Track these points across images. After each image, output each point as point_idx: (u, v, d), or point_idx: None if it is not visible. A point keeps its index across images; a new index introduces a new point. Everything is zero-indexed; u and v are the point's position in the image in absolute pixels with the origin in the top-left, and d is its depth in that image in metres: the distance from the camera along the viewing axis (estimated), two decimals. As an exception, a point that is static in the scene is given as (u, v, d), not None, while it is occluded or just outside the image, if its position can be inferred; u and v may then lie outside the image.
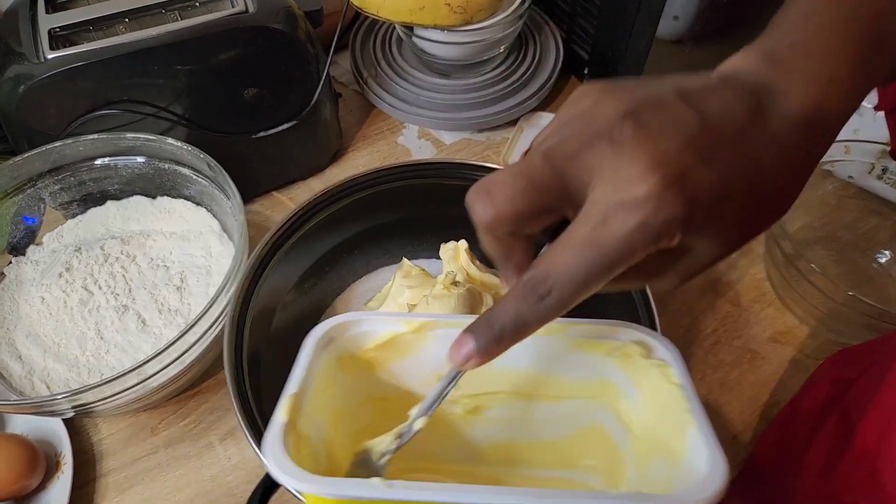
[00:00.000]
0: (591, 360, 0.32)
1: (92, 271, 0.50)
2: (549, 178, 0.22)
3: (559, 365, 0.33)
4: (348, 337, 0.32)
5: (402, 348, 0.33)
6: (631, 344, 0.31)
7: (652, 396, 0.30)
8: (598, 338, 0.31)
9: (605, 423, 0.34)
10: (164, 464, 0.49)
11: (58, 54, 0.48)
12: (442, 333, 0.32)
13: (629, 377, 0.31)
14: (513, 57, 0.66)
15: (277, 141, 0.57)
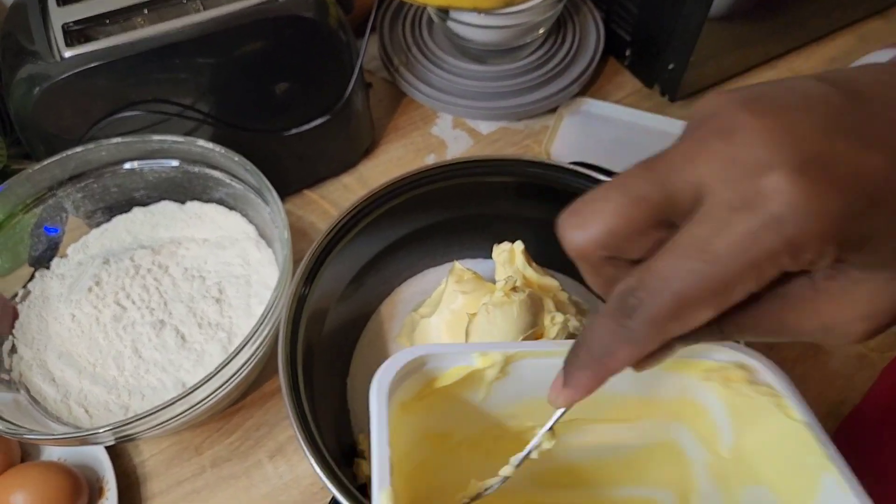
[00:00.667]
0: (679, 381, 0.29)
1: (123, 284, 0.47)
2: (649, 189, 0.19)
3: (646, 387, 0.30)
4: (413, 379, 0.29)
5: (473, 383, 0.30)
6: (732, 367, 0.28)
7: (760, 427, 0.28)
8: (692, 356, 0.28)
9: (680, 439, 0.32)
10: (211, 484, 0.46)
11: (75, 52, 0.44)
12: (524, 365, 0.29)
13: (726, 404, 0.29)
14: (551, 41, 0.62)
15: (309, 137, 0.54)
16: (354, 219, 0.46)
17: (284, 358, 0.39)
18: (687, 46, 0.57)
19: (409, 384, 0.28)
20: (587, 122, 0.63)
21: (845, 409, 0.49)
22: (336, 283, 0.47)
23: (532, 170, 0.48)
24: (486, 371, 0.29)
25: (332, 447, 0.38)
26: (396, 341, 0.50)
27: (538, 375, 0.28)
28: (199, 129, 0.49)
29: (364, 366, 0.49)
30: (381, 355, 0.49)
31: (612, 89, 0.66)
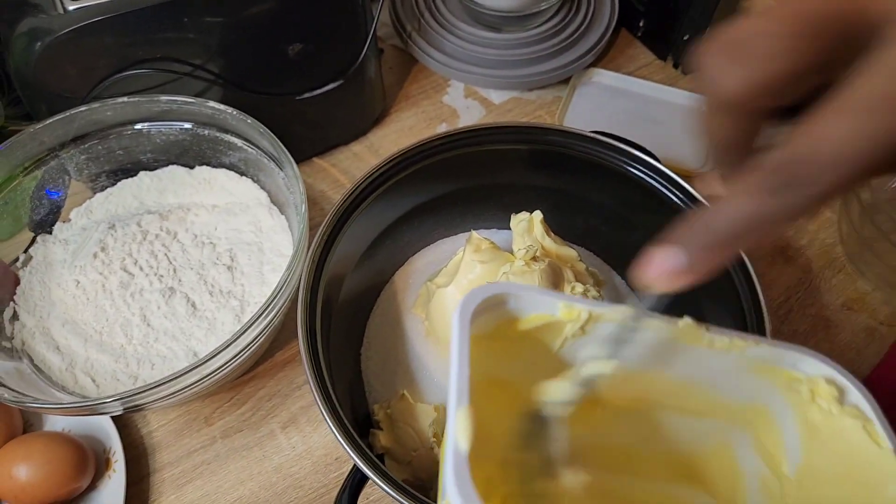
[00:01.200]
0: (757, 385, 0.28)
1: (130, 251, 0.46)
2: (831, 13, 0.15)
3: (720, 384, 0.29)
4: (490, 315, 0.27)
5: (550, 334, 0.28)
6: (820, 381, 0.26)
7: (838, 450, 0.26)
8: (777, 364, 0.27)
9: (738, 447, 0.31)
10: (222, 455, 0.46)
11: (80, 5, 0.42)
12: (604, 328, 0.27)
13: (802, 420, 0.27)
14: (565, 10, 0.61)
15: (321, 103, 0.52)
16: (369, 188, 0.44)
17: (303, 326, 0.38)
18: (704, 16, 0.56)
19: (486, 319, 0.26)
20: (599, 94, 0.62)
21: (856, 382, 0.50)
22: (352, 253, 0.46)
23: (548, 137, 0.47)
24: (567, 325, 0.27)
25: (348, 417, 0.37)
26: (412, 311, 0.49)
27: None
28: (209, 90, 0.48)
29: (378, 336, 0.48)
30: (395, 326, 0.49)
31: (624, 61, 0.65)
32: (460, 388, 0.22)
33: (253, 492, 0.44)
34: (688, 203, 0.44)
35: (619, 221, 0.50)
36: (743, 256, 0.41)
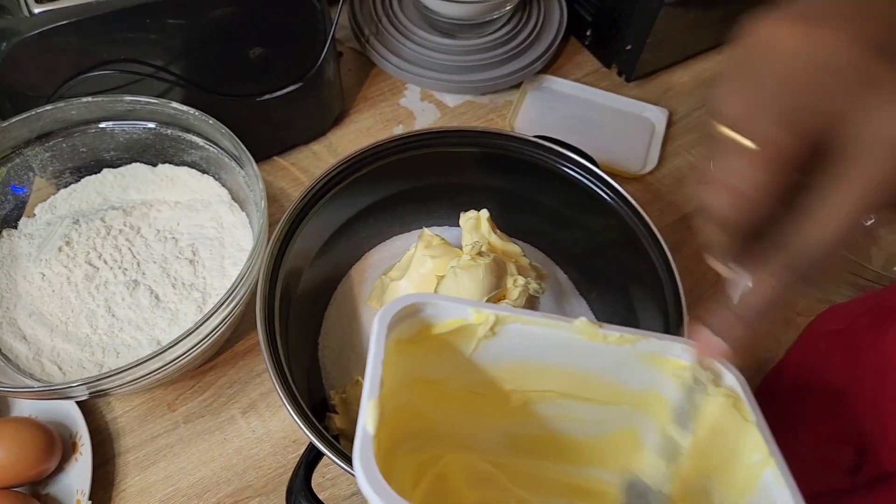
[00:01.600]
0: (651, 374, 0.32)
1: (94, 245, 0.48)
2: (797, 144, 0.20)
3: (619, 374, 0.33)
4: (411, 321, 0.31)
5: (464, 336, 0.32)
6: (700, 368, 0.30)
7: (714, 425, 0.30)
8: (664, 354, 0.31)
9: (642, 431, 0.34)
10: (185, 439, 0.48)
11: (46, 8, 0.43)
12: (511, 329, 0.31)
13: (687, 398, 0.31)
14: (517, 18, 0.65)
15: (281, 104, 0.55)
16: (327, 185, 0.47)
17: (262, 316, 0.41)
18: (644, 28, 0.60)
19: (407, 325, 0.30)
20: (548, 99, 0.65)
21: (772, 366, 0.54)
22: (309, 247, 0.48)
23: (497, 141, 0.51)
24: (478, 327, 0.31)
25: (306, 402, 0.40)
26: (367, 303, 0.52)
27: (522, 341, 0.31)
28: (171, 91, 0.50)
29: (335, 326, 0.51)
30: (351, 317, 0.52)
31: (573, 68, 0.69)
32: (373, 383, 0.26)
33: (215, 472, 0.47)
34: (620, 204, 0.48)
35: (560, 220, 0.53)
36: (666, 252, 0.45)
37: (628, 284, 0.50)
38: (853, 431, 0.37)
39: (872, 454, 0.34)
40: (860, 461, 0.35)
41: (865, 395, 0.37)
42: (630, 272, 0.49)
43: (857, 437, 0.36)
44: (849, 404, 0.38)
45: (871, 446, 0.35)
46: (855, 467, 0.35)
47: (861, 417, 0.37)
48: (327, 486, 0.47)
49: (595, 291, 0.54)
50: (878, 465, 0.34)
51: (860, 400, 0.37)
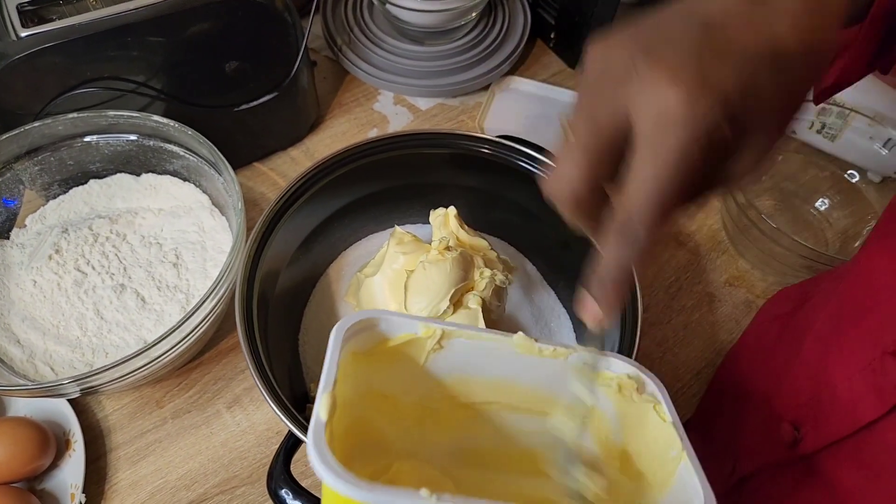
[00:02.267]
0: (583, 386, 0.34)
1: (83, 252, 0.50)
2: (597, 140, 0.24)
3: (554, 386, 0.35)
4: (366, 334, 0.33)
5: (414, 350, 0.34)
6: (626, 378, 0.33)
7: (640, 429, 0.33)
8: (594, 367, 0.33)
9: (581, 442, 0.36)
10: (173, 434, 0.51)
11: (31, 32, 0.46)
12: (457, 343, 0.33)
13: (617, 407, 0.34)
14: (483, 24, 0.67)
15: (258, 113, 0.57)
16: (302, 188, 0.50)
17: (241, 313, 0.43)
18: (604, 29, 0.63)
19: (363, 338, 0.32)
20: (516, 99, 0.68)
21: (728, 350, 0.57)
22: (286, 247, 0.51)
23: (464, 143, 0.53)
24: (427, 341, 0.33)
25: (287, 395, 0.43)
26: (344, 300, 0.54)
27: (468, 355, 0.34)
28: (153, 104, 0.52)
29: (314, 323, 0.54)
30: (329, 313, 0.54)
31: (539, 69, 0.72)
32: (327, 379, 0.28)
33: (202, 464, 0.49)
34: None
35: (528, 215, 0.56)
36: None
37: (591, 273, 0.52)
38: (792, 408, 0.39)
39: (809, 429, 0.37)
40: (798, 436, 0.38)
41: (803, 372, 0.40)
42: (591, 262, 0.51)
43: (795, 413, 0.38)
44: (789, 383, 0.41)
45: (807, 422, 0.37)
46: (793, 441, 0.38)
47: (798, 395, 0.39)
48: (309, 473, 0.49)
49: (562, 282, 0.57)
50: (813, 439, 0.36)
51: (799, 379, 0.40)
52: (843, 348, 0.35)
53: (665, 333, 0.57)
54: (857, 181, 0.62)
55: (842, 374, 0.34)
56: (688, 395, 0.54)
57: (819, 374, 0.37)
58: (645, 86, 0.23)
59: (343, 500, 0.24)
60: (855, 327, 0.35)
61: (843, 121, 0.60)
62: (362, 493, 0.23)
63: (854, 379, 0.33)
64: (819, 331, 0.40)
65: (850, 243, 0.61)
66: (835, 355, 0.36)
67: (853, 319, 0.35)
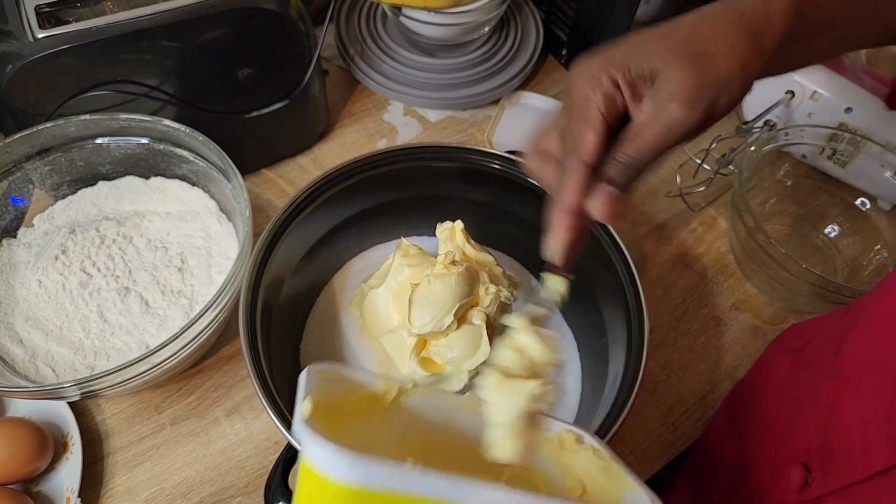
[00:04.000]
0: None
1: (89, 253, 0.50)
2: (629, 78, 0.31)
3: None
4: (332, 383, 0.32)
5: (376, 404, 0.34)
6: (565, 434, 0.35)
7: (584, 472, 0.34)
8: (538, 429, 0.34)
9: None
10: (171, 440, 0.50)
11: (49, 34, 0.46)
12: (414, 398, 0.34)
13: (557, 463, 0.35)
14: (495, 38, 0.68)
15: (268, 120, 0.58)
16: (310, 197, 0.50)
17: (245, 320, 0.43)
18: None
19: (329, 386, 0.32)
20: (526, 114, 0.68)
21: (739, 373, 0.57)
22: (292, 256, 0.51)
23: (473, 157, 0.53)
24: (385, 395, 0.34)
25: (287, 405, 0.42)
26: (348, 310, 0.54)
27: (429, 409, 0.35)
28: (165, 108, 0.53)
29: (317, 332, 0.53)
30: (332, 324, 0.54)
31: (550, 84, 0.72)
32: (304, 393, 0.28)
33: (199, 472, 0.49)
34: (588, 216, 0.50)
35: (534, 231, 0.55)
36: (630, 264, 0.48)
37: (596, 293, 0.52)
38: (802, 449, 0.38)
39: (819, 472, 0.36)
40: (809, 479, 0.37)
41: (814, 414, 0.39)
42: (598, 282, 0.51)
43: (806, 455, 0.38)
44: (801, 422, 0.40)
45: (817, 464, 0.37)
46: (804, 485, 0.37)
47: (811, 436, 0.38)
48: (307, 484, 0.49)
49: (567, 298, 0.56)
50: (823, 483, 0.36)
51: (811, 419, 0.39)
52: (859, 392, 0.34)
53: (670, 356, 0.57)
54: (867, 209, 0.62)
55: (856, 419, 0.33)
56: (692, 419, 0.54)
57: (832, 417, 0.37)
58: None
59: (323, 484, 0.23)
60: (873, 374, 0.34)
61: (854, 147, 0.60)
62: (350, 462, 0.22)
63: (870, 425, 0.32)
64: (835, 371, 0.39)
65: (859, 271, 0.60)
66: (850, 398, 0.35)
67: (872, 365, 0.35)
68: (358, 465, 0.22)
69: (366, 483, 0.23)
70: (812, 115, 0.63)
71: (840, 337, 0.41)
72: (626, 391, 0.42)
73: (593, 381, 0.51)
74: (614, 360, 0.48)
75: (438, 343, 0.48)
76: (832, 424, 0.36)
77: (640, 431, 0.53)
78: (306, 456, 0.24)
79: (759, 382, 0.51)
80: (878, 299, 0.37)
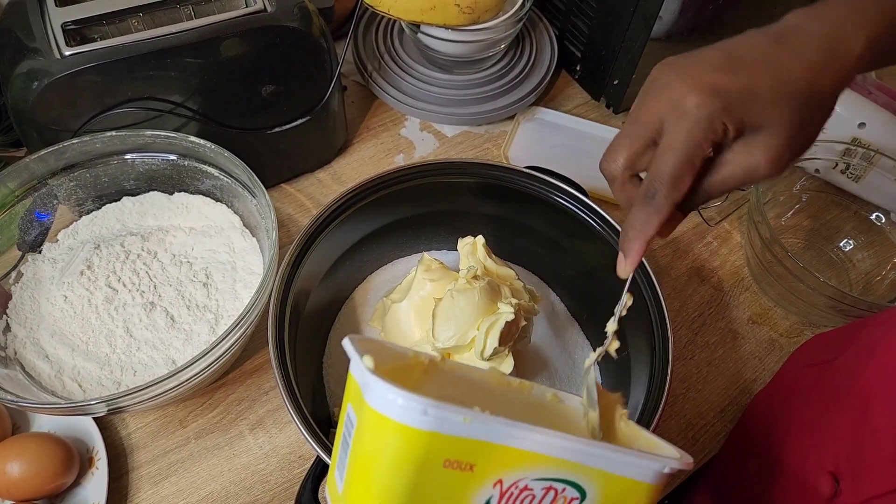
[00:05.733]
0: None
1: (114, 269, 0.51)
2: (640, 131, 0.33)
3: None
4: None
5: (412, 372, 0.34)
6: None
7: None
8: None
9: None
10: (195, 454, 0.50)
11: (75, 51, 0.47)
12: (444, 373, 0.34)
13: None
14: (511, 55, 0.68)
15: (289, 136, 0.58)
16: (333, 213, 0.50)
17: (273, 337, 0.44)
18: (630, 65, 0.64)
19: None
20: (541, 129, 0.69)
21: (757, 387, 0.57)
22: (316, 271, 0.51)
23: (492, 172, 0.54)
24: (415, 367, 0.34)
25: (311, 418, 0.43)
26: (369, 324, 0.55)
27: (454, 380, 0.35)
28: (188, 125, 0.53)
29: (339, 346, 0.53)
30: (354, 337, 0.54)
31: (564, 100, 0.72)
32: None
33: (224, 487, 0.49)
34: (608, 230, 0.51)
35: (553, 245, 0.57)
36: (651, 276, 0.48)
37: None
38: (830, 459, 0.38)
39: (848, 482, 0.36)
40: (838, 488, 0.37)
41: (844, 423, 0.39)
42: (618, 295, 0.52)
43: (835, 465, 0.38)
44: (829, 432, 0.40)
45: (847, 474, 0.37)
46: (833, 494, 0.37)
47: (839, 445, 0.38)
48: (331, 498, 0.49)
49: (586, 313, 0.57)
50: (853, 492, 0.36)
51: (839, 428, 0.39)
52: (888, 404, 0.35)
53: (689, 370, 0.57)
54: (882, 223, 0.62)
55: (886, 430, 0.34)
56: (711, 433, 0.54)
57: (862, 427, 0.37)
58: (672, 92, 0.31)
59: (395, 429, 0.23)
60: None
61: (867, 162, 0.61)
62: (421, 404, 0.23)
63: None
64: (867, 381, 0.39)
65: (873, 285, 0.61)
66: (879, 409, 0.35)
67: None
68: (432, 410, 0.23)
69: (439, 427, 0.23)
70: (825, 130, 0.63)
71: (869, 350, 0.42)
72: (652, 406, 0.43)
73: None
74: (636, 375, 0.49)
75: (462, 357, 0.49)
76: (861, 435, 0.36)
77: (660, 444, 0.53)
78: (376, 404, 0.24)
79: (781, 393, 0.52)
80: None
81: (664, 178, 0.31)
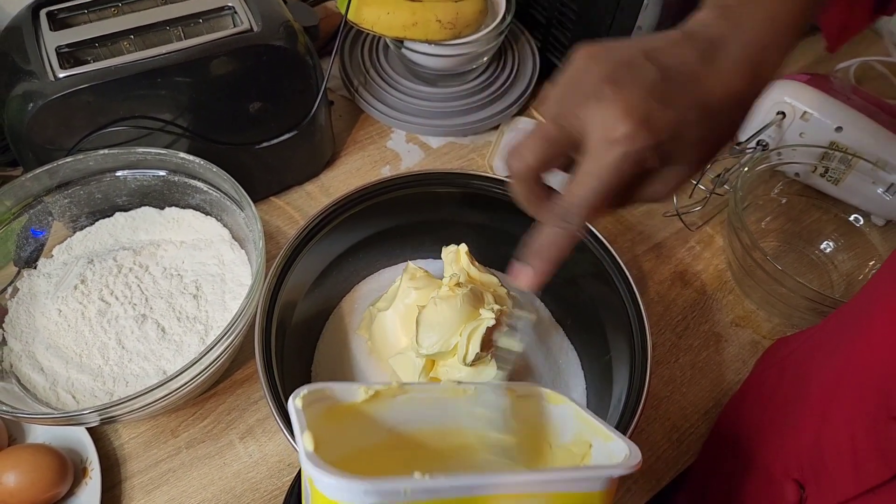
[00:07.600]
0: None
1: (107, 282, 0.52)
2: (557, 134, 0.31)
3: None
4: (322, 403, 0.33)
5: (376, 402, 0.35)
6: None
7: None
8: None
9: None
10: (187, 464, 0.51)
11: (69, 73, 0.49)
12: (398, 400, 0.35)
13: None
14: (493, 67, 0.70)
15: (277, 150, 0.60)
16: (319, 224, 0.51)
17: (260, 346, 0.45)
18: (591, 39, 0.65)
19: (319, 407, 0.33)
20: (526, 140, 0.70)
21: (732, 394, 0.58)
22: (303, 281, 0.52)
23: (476, 182, 0.55)
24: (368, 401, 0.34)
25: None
26: (357, 333, 0.56)
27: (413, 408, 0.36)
28: (178, 141, 0.55)
29: (327, 355, 0.55)
30: (342, 346, 0.55)
31: (549, 110, 0.74)
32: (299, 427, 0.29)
33: (215, 495, 0.50)
34: (590, 238, 0.52)
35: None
36: (630, 282, 0.49)
37: (599, 312, 0.53)
38: (795, 465, 0.39)
39: (813, 488, 0.37)
40: (803, 495, 0.37)
41: (806, 425, 0.39)
42: (600, 301, 0.53)
43: (799, 471, 0.38)
44: (791, 436, 0.40)
45: (811, 480, 0.37)
46: (798, 501, 0.38)
47: (802, 449, 0.39)
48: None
49: (570, 318, 0.58)
50: (817, 499, 0.36)
51: (802, 429, 0.39)
52: (847, 402, 0.35)
53: (673, 373, 0.58)
54: (861, 225, 0.63)
55: (846, 430, 0.34)
56: (696, 435, 0.55)
57: (822, 431, 0.37)
58: (605, 110, 0.29)
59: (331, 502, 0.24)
60: (860, 383, 0.35)
61: (846, 165, 0.62)
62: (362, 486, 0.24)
63: (858, 438, 0.33)
64: (825, 379, 0.39)
65: (855, 286, 0.62)
66: (838, 407, 0.36)
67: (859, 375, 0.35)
68: (372, 490, 0.24)
69: (384, 500, 0.24)
70: (803, 134, 0.65)
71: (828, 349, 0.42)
72: (632, 408, 0.44)
73: (598, 399, 0.52)
74: (618, 378, 0.50)
75: (446, 363, 0.50)
76: (822, 439, 0.37)
77: (645, 448, 0.54)
78: (321, 487, 0.25)
79: (751, 395, 0.52)
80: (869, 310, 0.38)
81: (581, 204, 0.30)
